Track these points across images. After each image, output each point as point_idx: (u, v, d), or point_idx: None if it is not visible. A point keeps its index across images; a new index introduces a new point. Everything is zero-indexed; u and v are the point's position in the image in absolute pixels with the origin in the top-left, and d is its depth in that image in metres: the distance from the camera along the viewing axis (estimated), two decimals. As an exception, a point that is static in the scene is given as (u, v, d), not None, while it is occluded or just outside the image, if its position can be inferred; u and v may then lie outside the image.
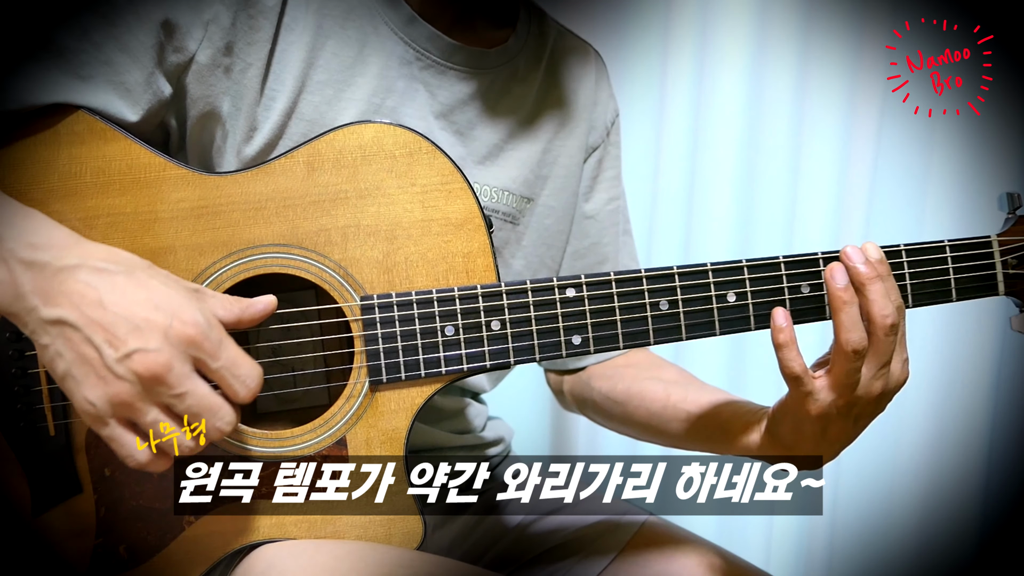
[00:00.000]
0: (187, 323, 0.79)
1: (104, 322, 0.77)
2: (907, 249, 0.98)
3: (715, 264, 0.95)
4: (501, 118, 1.14)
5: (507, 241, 1.16)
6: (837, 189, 1.89)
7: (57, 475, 0.91)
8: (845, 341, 0.90)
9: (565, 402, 1.36)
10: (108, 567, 0.92)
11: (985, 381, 1.95)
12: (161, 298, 0.80)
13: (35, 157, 0.90)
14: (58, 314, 0.78)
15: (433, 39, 1.07)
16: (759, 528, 1.90)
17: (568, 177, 1.22)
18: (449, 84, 1.09)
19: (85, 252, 0.82)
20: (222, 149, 1.00)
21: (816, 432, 0.94)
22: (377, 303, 0.93)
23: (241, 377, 0.82)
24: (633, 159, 1.88)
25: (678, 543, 1.16)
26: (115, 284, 0.80)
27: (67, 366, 0.78)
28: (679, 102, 1.85)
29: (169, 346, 0.78)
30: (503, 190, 1.13)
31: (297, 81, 1.00)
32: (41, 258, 0.80)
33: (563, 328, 0.95)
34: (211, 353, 0.80)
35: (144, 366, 0.77)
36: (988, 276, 1.00)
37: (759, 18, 1.84)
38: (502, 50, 1.14)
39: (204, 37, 0.95)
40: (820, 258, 0.96)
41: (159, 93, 0.96)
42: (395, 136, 0.95)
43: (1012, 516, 1.98)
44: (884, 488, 2.00)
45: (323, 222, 0.94)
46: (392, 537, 0.95)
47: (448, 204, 0.95)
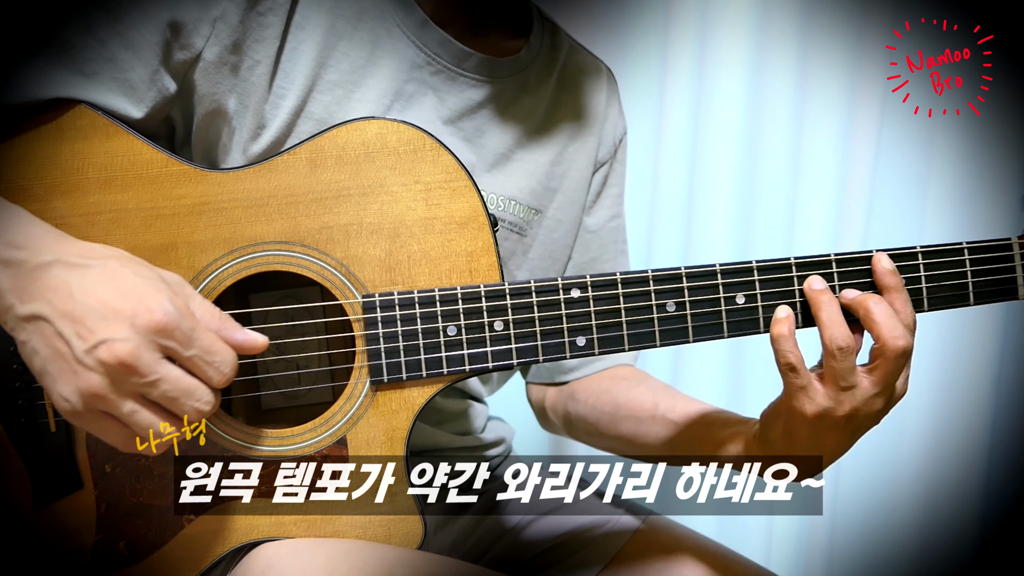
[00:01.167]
0: (154, 311, 0.78)
1: (74, 314, 0.77)
2: (923, 251, 0.96)
3: (724, 265, 0.94)
4: (510, 127, 1.13)
5: (513, 252, 1.15)
6: (837, 189, 1.89)
7: (58, 471, 0.91)
8: (830, 339, 0.89)
9: (546, 421, 1.34)
10: (108, 563, 0.92)
11: (985, 381, 1.95)
12: (130, 287, 0.79)
13: (38, 152, 0.90)
14: (32, 310, 0.78)
15: (445, 44, 1.07)
16: (759, 528, 1.90)
17: (577, 191, 1.21)
18: (459, 90, 1.08)
19: (61, 249, 0.81)
20: (228, 146, 0.99)
21: (810, 438, 0.93)
22: (379, 302, 0.93)
23: (215, 364, 0.81)
24: (633, 159, 1.87)
25: (678, 542, 1.16)
26: (85, 277, 0.79)
27: (43, 362, 0.78)
28: (679, 102, 1.85)
29: (136, 335, 0.77)
30: (510, 199, 1.13)
31: (307, 80, 1.00)
32: (18, 256, 0.79)
33: (567, 329, 0.94)
34: (182, 341, 0.79)
35: (111, 355, 0.76)
36: (1008, 280, 0.98)
37: (759, 18, 1.84)
38: (514, 60, 1.13)
39: (211, 34, 0.95)
40: (833, 259, 0.95)
41: (164, 90, 0.95)
42: (399, 133, 0.94)
43: (1012, 516, 1.99)
44: (884, 488, 2.00)
45: (325, 219, 0.93)
46: (392, 537, 0.94)
47: (452, 202, 0.95)
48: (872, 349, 0.91)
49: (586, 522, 1.21)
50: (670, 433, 1.11)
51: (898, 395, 0.93)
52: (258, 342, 0.86)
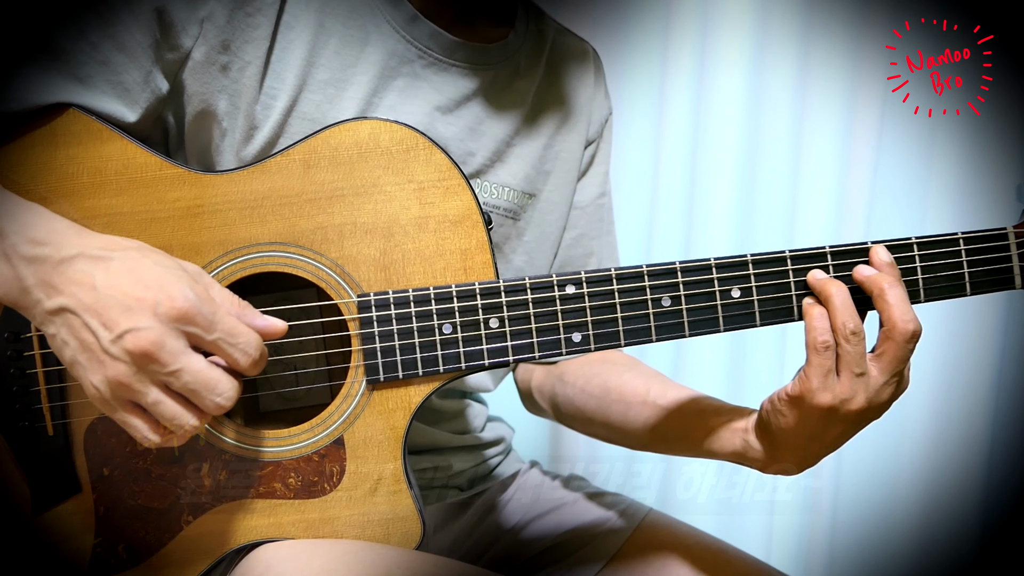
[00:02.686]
0: (176, 298, 0.79)
1: (98, 305, 0.79)
2: (919, 242, 0.96)
3: (719, 259, 0.94)
4: (505, 113, 1.14)
5: (508, 237, 1.16)
6: (837, 189, 1.88)
7: (56, 475, 0.91)
8: (842, 324, 0.89)
9: (531, 403, 1.32)
10: (107, 566, 0.92)
11: (986, 381, 1.94)
12: (151, 277, 0.81)
13: (33, 158, 0.91)
14: (59, 303, 0.80)
15: (435, 36, 1.07)
16: (759, 528, 1.90)
17: (569, 171, 1.22)
18: (452, 81, 1.09)
19: (83, 242, 0.83)
20: (220, 148, 1.00)
21: (816, 428, 0.92)
22: (374, 301, 0.93)
23: (240, 346, 0.83)
24: (633, 159, 1.89)
25: (678, 539, 1.16)
26: (108, 268, 0.81)
27: (72, 353, 0.80)
28: (679, 102, 1.85)
29: (159, 323, 0.79)
30: (504, 186, 1.14)
31: (298, 80, 1.00)
32: (42, 252, 0.81)
33: (563, 326, 0.93)
34: (205, 326, 0.81)
35: (135, 344, 0.78)
36: (1004, 269, 0.97)
37: (759, 18, 1.84)
38: (502, 46, 1.14)
39: (200, 34, 0.95)
40: (828, 252, 0.94)
41: (157, 91, 0.96)
42: (391, 132, 0.94)
43: (1012, 516, 1.97)
44: (885, 488, 1.99)
45: (320, 220, 0.93)
46: (391, 537, 0.94)
47: (445, 201, 0.95)
48: (879, 334, 0.91)
49: (585, 521, 1.21)
50: (660, 419, 1.10)
51: (904, 385, 0.93)
52: (278, 327, 0.87)
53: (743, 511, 1.88)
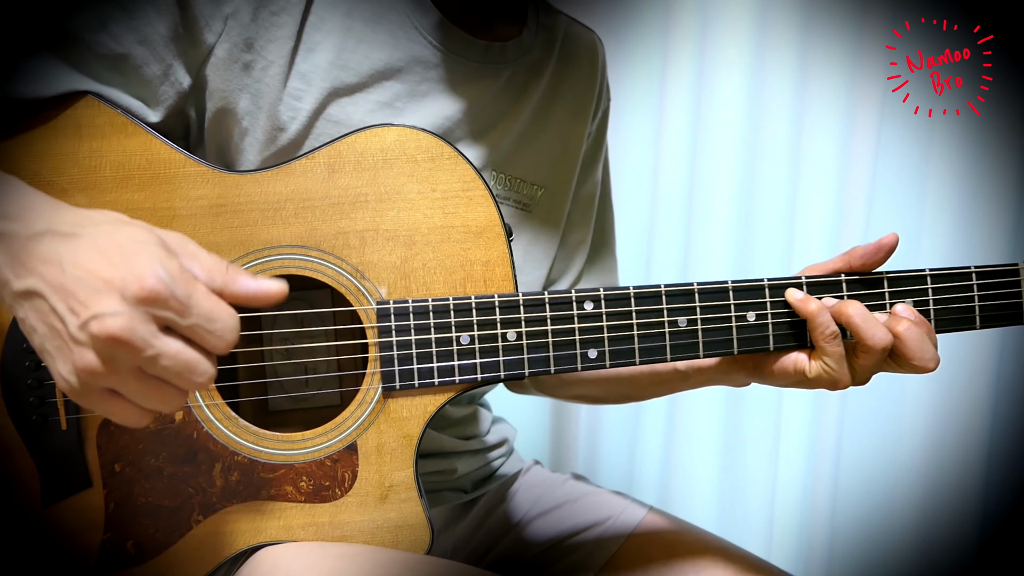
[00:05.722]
0: (145, 277, 0.70)
1: (66, 288, 0.71)
2: (932, 274, 0.98)
3: (736, 282, 0.96)
4: (523, 110, 1.14)
5: (521, 228, 1.16)
6: (837, 189, 1.89)
7: (67, 469, 0.91)
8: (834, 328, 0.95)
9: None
10: (116, 562, 0.92)
11: (985, 381, 1.95)
12: (120, 255, 0.72)
13: (56, 149, 0.90)
14: (26, 285, 0.73)
15: (460, 40, 1.07)
16: (759, 527, 1.92)
17: (574, 160, 1.23)
18: (474, 82, 1.09)
19: (54, 218, 0.76)
20: (240, 146, 0.99)
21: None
22: (393, 309, 0.93)
23: (217, 332, 0.73)
24: (633, 159, 1.89)
25: (679, 537, 1.17)
26: (76, 247, 0.73)
27: (40, 340, 0.74)
28: (679, 102, 1.85)
29: (128, 307, 0.70)
30: (519, 179, 1.14)
31: (325, 82, 0.99)
32: (11, 228, 0.75)
33: (579, 341, 0.94)
34: (178, 309, 0.71)
35: (103, 330, 0.69)
36: (1014, 305, 1.00)
37: (759, 18, 1.83)
38: (518, 43, 1.14)
39: (223, 31, 0.94)
40: (844, 281, 0.97)
41: (177, 85, 0.95)
42: (417, 140, 0.94)
43: (1012, 516, 2.00)
44: (884, 487, 2.01)
45: (342, 225, 0.93)
46: (399, 544, 0.95)
47: (468, 211, 0.95)
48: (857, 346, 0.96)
49: (586, 520, 1.22)
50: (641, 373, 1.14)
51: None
52: (272, 291, 0.76)
53: (743, 510, 1.90)
